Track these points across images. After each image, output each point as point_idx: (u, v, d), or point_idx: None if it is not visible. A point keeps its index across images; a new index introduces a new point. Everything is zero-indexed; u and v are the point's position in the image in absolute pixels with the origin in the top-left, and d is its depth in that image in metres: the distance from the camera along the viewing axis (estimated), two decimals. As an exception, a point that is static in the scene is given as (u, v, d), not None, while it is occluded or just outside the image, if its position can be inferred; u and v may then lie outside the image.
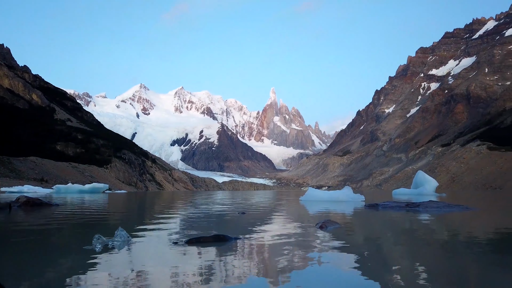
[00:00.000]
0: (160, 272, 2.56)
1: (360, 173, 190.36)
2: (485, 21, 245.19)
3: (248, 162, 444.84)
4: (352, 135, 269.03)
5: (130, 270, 2.61)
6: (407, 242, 3.86)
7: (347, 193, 13.79)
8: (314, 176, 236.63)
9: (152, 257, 3.11)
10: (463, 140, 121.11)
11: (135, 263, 2.84)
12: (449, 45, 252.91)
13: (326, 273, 2.54)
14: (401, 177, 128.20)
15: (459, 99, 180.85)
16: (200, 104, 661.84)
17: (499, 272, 2.54)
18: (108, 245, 3.52)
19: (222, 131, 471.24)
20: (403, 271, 2.57)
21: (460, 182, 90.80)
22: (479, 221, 6.11)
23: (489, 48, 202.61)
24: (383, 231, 4.85)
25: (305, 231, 4.68)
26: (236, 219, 6.50)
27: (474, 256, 3.11)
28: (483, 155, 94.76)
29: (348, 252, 3.26)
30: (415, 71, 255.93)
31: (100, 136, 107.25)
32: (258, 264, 2.82)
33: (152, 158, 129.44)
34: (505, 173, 79.55)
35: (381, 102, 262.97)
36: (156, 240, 4.03)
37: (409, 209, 8.23)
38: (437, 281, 2.31)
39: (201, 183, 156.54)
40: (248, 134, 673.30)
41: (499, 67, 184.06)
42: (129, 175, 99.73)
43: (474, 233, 4.52)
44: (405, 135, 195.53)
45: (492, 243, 3.79)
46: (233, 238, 3.89)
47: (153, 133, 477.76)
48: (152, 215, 7.94)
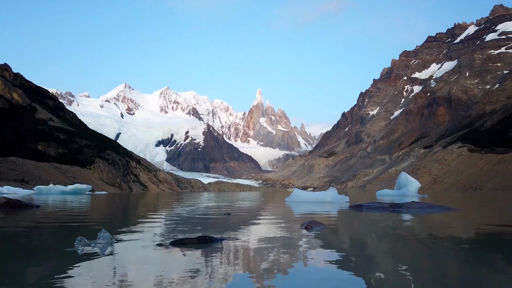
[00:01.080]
0: (144, 275, 2.51)
1: (345, 174, 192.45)
2: (466, 26, 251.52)
3: (234, 163, 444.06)
4: (337, 137, 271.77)
5: (113, 272, 2.55)
6: (390, 242, 3.92)
7: (332, 194, 13.92)
8: (300, 177, 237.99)
9: (135, 259, 3.06)
10: (445, 142, 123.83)
11: (118, 266, 2.79)
12: (432, 49, 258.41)
13: (311, 274, 2.55)
14: (384, 178, 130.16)
15: (441, 102, 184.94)
16: (186, 104, 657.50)
17: (478, 269, 2.62)
18: (90, 247, 3.45)
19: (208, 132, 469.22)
20: (387, 271, 2.61)
21: (441, 183, 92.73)
22: (459, 222, 6.25)
23: (470, 53, 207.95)
24: (367, 232, 4.91)
25: (290, 232, 4.70)
26: (221, 220, 6.48)
27: (454, 255, 3.18)
28: (464, 157, 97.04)
29: (333, 252, 3.28)
30: (399, 74, 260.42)
31: (83, 136, 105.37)
32: (243, 266, 2.81)
33: (137, 158, 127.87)
34: (485, 174, 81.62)
35: (365, 104, 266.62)
36: (140, 242, 3.98)
37: (392, 210, 8.36)
38: (420, 279, 2.35)
39: (186, 184, 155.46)
40: (234, 135, 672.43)
41: (479, 71, 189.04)
42: (113, 176, 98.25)
43: (455, 233, 4.63)
44: (389, 137, 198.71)
45: (472, 242, 3.88)
46: (218, 239, 3.88)
47: (137, 134, 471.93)
48: (136, 217, 7.84)
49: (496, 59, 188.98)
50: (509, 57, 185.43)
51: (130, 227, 5.63)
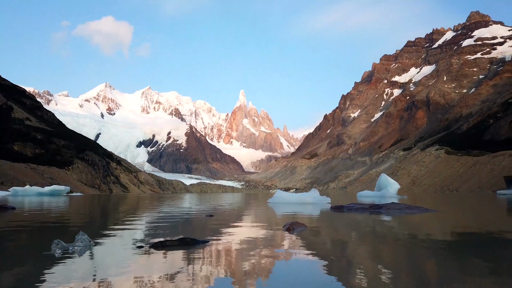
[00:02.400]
0: (124, 278, 2.46)
1: (327, 176, 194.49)
2: (444, 31, 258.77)
3: (217, 164, 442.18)
4: (319, 139, 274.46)
5: (92, 276, 2.49)
6: (370, 243, 3.98)
7: (314, 196, 14.04)
8: (282, 179, 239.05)
9: (115, 262, 2.99)
10: (423, 145, 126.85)
11: (97, 269, 2.72)
12: (411, 53, 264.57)
13: (293, 276, 2.55)
14: (365, 179, 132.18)
15: (419, 105, 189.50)
16: (168, 105, 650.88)
17: (455, 270, 2.67)
18: (68, 250, 3.36)
19: (191, 133, 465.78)
20: (367, 271, 2.63)
21: (420, 185, 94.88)
22: (437, 222, 6.41)
23: (448, 58, 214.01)
24: (348, 233, 4.97)
25: (272, 234, 4.71)
26: (203, 222, 6.44)
27: (432, 255, 3.26)
28: (441, 159, 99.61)
29: (314, 253, 3.31)
30: (379, 78, 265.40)
31: (62, 136, 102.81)
32: (225, 268, 2.79)
33: (117, 159, 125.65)
34: (461, 176, 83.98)
35: (347, 106, 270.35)
36: (119, 244, 3.91)
37: (373, 211, 8.50)
38: (398, 279, 2.40)
39: (168, 185, 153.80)
40: (217, 136, 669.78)
41: (456, 75, 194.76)
42: (92, 177, 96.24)
43: (433, 233, 4.74)
44: (370, 139, 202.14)
45: (449, 243, 3.98)
46: (200, 241, 3.84)
47: (118, 134, 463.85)
48: (115, 219, 7.69)
49: (472, 64, 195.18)
50: (484, 63, 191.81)
51: (109, 229, 5.52)
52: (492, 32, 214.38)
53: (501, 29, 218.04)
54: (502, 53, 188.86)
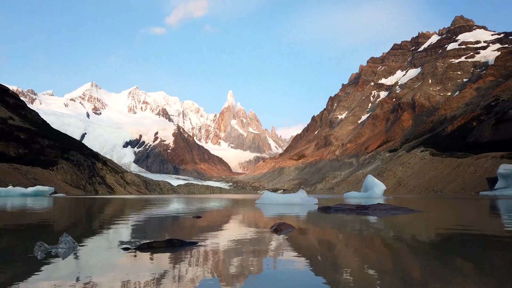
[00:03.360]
0: (109, 281, 2.41)
1: (314, 177, 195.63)
2: (430, 35, 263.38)
3: (205, 165, 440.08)
4: (307, 140, 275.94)
5: (75, 279, 2.44)
6: (357, 244, 4.02)
7: (301, 196, 14.11)
8: (270, 180, 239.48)
9: (100, 264, 2.94)
10: (409, 146, 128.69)
11: (82, 272, 2.67)
12: (397, 56, 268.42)
13: (280, 277, 2.56)
14: (352, 180, 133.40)
15: (405, 108, 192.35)
16: (155, 105, 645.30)
17: (439, 268, 2.71)
18: (51, 252, 3.30)
19: (178, 133, 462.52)
20: (353, 271, 2.65)
21: (405, 186, 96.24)
22: (421, 223, 6.51)
23: (433, 61, 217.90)
24: (335, 234, 5.01)
25: (260, 235, 4.72)
26: (191, 223, 6.40)
27: (417, 255, 3.31)
28: (426, 160, 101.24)
29: (302, 254, 3.32)
30: (366, 80, 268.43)
31: (46, 136, 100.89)
32: (212, 270, 2.78)
33: (103, 160, 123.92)
34: (445, 177, 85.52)
35: (334, 108, 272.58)
36: (104, 246, 3.85)
37: (359, 212, 8.59)
38: (384, 279, 2.42)
39: (155, 186, 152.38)
40: (205, 137, 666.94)
41: (441, 78, 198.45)
42: (78, 177, 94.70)
43: (417, 234, 4.82)
44: (356, 140, 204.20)
45: (433, 243, 4.05)
46: (187, 242, 3.82)
47: (104, 134, 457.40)
48: (101, 220, 7.59)
49: (456, 68, 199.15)
50: (468, 66, 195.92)
51: (94, 230, 5.44)
52: (475, 37, 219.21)
53: (485, 33, 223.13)
54: (485, 57, 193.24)
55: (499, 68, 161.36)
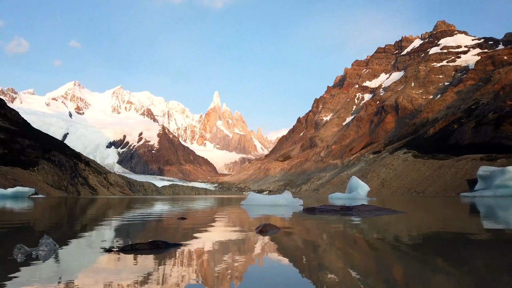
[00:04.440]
0: (91, 284, 2.36)
1: (300, 178, 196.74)
2: (413, 39, 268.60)
3: (190, 166, 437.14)
4: (292, 141, 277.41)
5: (57, 281, 2.37)
6: (340, 244, 4.06)
7: (287, 198, 14.16)
8: (256, 181, 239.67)
9: (82, 266, 2.88)
10: (392, 148, 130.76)
11: (63, 274, 2.60)
12: (381, 59, 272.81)
13: (265, 278, 2.56)
14: (337, 182, 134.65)
15: (389, 110, 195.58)
16: (140, 105, 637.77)
17: (420, 268, 2.75)
18: (31, 255, 3.21)
19: (163, 134, 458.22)
20: (337, 272, 2.68)
21: (389, 187, 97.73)
22: (404, 224, 6.62)
23: (415, 64, 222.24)
24: (320, 234, 5.04)
25: (245, 236, 4.71)
26: (175, 225, 6.34)
27: (399, 255, 3.36)
28: (409, 162, 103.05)
29: (287, 255, 3.33)
30: (351, 82, 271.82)
31: (26, 135, 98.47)
32: (197, 272, 2.77)
33: (86, 160, 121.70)
34: (427, 179, 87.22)
35: (319, 110, 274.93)
36: (86, 248, 3.78)
37: (343, 213, 8.67)
38: (367, 279, 2.45)
39: (139, 187, 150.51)
40: (191, 137, 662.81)
41: (423, 82, 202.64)
42: (59, 178, 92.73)
43: (400, 234, 4.90)
44: (341, 142, 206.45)
45: (415, 243, 4.12)
46: (172, 244, 3.78)
47: (87, 134, 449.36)
48: (82, 221, 7.44)
49: (438, 71, 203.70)
50: (449, 70, 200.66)
51: (76, 232, 5.33)
52: (457, 41, 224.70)
53: (465, 38, 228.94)
54: (466, 61, 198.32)
55: (479, 72, 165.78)
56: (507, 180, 30.99)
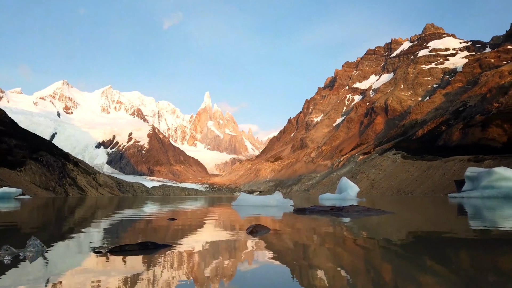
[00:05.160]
0: (79, 285, 2.34)
1: (290, 179, 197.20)
2: (402, 41, 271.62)
3: (180, 167, 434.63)
4: (283, 142, 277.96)
5: (44, 283, 2.34)
6: (330, 245, 4.08)
7: (277, 198, 14.19)
8: (246, 181, 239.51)
9: (70, 268, 2.84)
10: (381, 149, 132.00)
11: (51, 276, 2.56)
12: (371, 61, 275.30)
13: (255, 279, 2.57)
14: (327, 182, 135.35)
15: (378, 111, 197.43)
16: (130, 105, 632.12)
17: (409, 268, 2.79)
18: (19, 256, 3.17)
19: (153, 134, 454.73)
20: (327, 272, 2.69)
21: (378, 188, 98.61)
22: (393, 224, 6.69)
23: (405, 66, 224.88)
24: (310, 235, 5.06)
25: (235, 237, 4.71)
26: (165, 226, 6.30)
27: (388, 255, 3.40)
28: (398, 163, 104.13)
29: (277, 256, 3.34)
30: (341, 84, 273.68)
31: (13, 135, 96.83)
32: (187, 273, 2.75)
33: (74, 160, 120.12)
34: (416, 180, 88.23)
35: (310, 111, 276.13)
36: (75, 249, 3.74)
37: (333, 213, 8.72)
38: (357, 279, 2.47)
39: (128, 188, 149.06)
40: (181, 138, 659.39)
41: (412, 84, 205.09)
42: (47, 179, 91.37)
43: (389, 235, 4.95)
44: (331, 143, 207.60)
45: (404, 243, 4.17)
46: (161, 245, 3.76)
47: (76, 134, 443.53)
48: (71, 222, 7.35)
49: (426, 74, 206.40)
50: (437, 72, 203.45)
51: (64, 233, 5.26)
52: (445, 44, 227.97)
53: (453, 41, 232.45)
54: (454, 64, 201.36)
55: (467, 75, 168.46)
56: (494, 181, 31.51)
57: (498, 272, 2.74)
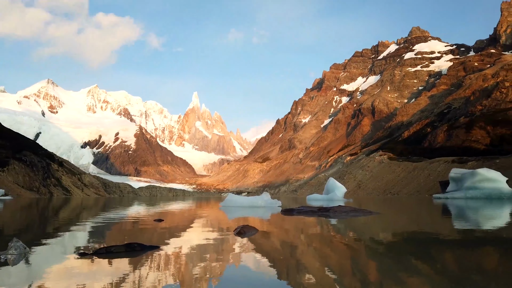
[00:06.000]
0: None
1: (278, 179, 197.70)
2: (389, 44, 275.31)
3: (168, 167, 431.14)
4: (271, 143, 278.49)
5: (26, 287, 2.29)
6: (318, 245, 4.10)
7: (265, 199, 14.20)
8: (235, 182, 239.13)
9: (54, 271, 2.79)
10: (368, 150, 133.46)
11: (34, 279, 2.49)
12: (358, 63, 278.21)
13: (243, 280, 2.57)
14: (314, 183, 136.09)
15: (365, 113, 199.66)
16: (116, 104, 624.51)
17: (394, 268, 2.82)
18: (0, 259, 3.09)
19: (140, 134, 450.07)
20: (315, 273, 2.70)
21: (365, 188, 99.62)
22: (379, 224, 6.76)
23: (391, 69, 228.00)
24: (297, 236, 5.08)
25: (223, 238, 4.69)
26: (152, 227, 6.24)
27: (375, 255, 3.43)
28: (384, 164, 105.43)
29: (265, 257, 3.34)
30: (329, 85, 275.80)
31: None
32: (174, 274, 2.73)
33: (59, 160, 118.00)
34: (402, 181, 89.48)
35: (298, 112, 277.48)
36: (59, 251, 3.67)
37: (321, 214, 8.78)
38: (343, 279, 2.49)
39: (115, 188, 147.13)
40: (169, 138, 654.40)
41: (399, 86, 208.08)
42: (31, 179, 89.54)
43: (375, 235, 5.00)
44: (319, 144, 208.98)
45: (390, 243, 4.22)
46: (148, 247, 3.72)
47: (61, 134, 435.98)
48: (55, 224, 7.21)
49: (412, 76, 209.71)
50: (423, 75, 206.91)
51: (48, 235, 5.16)
52: (430, 47, 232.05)
53: (439, 44, 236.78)
54: (439, 66, 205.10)
55: (451, 77, 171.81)
56: (477, 182, 32.19)
57: (481, 272, 2.79)
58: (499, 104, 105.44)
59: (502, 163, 65.71)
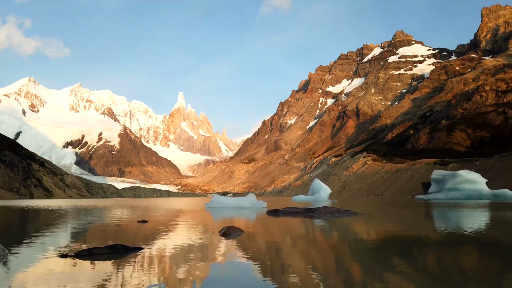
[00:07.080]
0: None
1: (264, 180, 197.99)
2: (373, 47, 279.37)
3: (152, 168, 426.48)
4: (257, 144, 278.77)
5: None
6: (303, 246, 4.13)
7: (251, 200, 14.21)
8: (220, 183, 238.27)
9: (34, 273, 2.73)
10: (353, 152, 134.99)
11: (13, 282, 2.44)
12: (344, 65, 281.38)
13: (228, 281, 2.56)
14: (300, 184, 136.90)
15: (350, 115, 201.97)
16: (100, 104, 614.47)
17: (378, 268, 2.86)
18: (-23, 262, 3.00)
19: (125, 134, 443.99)
20: (299, 273, 2.72)
21: (349, 190, 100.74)
22: (363, 225, 6.85)
23: (375, 72, 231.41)
24: (283, 237, 5.10)
25: (208, 239, 4.67)
26: (136, 228, 6.16)
27: (359, 256, 3.48)
28: (368, 165, 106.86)
29: (250, 258, 3.34)
30: (315, 87, 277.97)
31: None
32: (158, 276, 2.71)
33: (40, 160, 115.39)
34: (385, 182, 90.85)
35: (284, 113, 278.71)
36: (40, 253, 3.58)
37: (306, 215, 8.83)
38: (327, 279, 2.52)
39: (98, 189, 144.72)
40: (153, 138, 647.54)
41: (383, 89, 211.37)
42: (10, 179, 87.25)
43: (359, 236, 5.06)
44: (305, 145, 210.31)
45: (374, 244, 4.28)
46: (132, 248, 3.67)
47: (42, 133, 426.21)
48: (35, 225, 7.04)
49: (396, 79, 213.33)
50: (406, 78, 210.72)
51: (28, 237, 5.03)
52: (414, 51, 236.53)
53: (422, 48, 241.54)
54: (422, 70, 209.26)
55: (434, 81, 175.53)
56: (458, 184, 32.96)
57: (461, 271, 2.84)
58: (479, 107, 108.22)
59: (482, 165, 67.47)
